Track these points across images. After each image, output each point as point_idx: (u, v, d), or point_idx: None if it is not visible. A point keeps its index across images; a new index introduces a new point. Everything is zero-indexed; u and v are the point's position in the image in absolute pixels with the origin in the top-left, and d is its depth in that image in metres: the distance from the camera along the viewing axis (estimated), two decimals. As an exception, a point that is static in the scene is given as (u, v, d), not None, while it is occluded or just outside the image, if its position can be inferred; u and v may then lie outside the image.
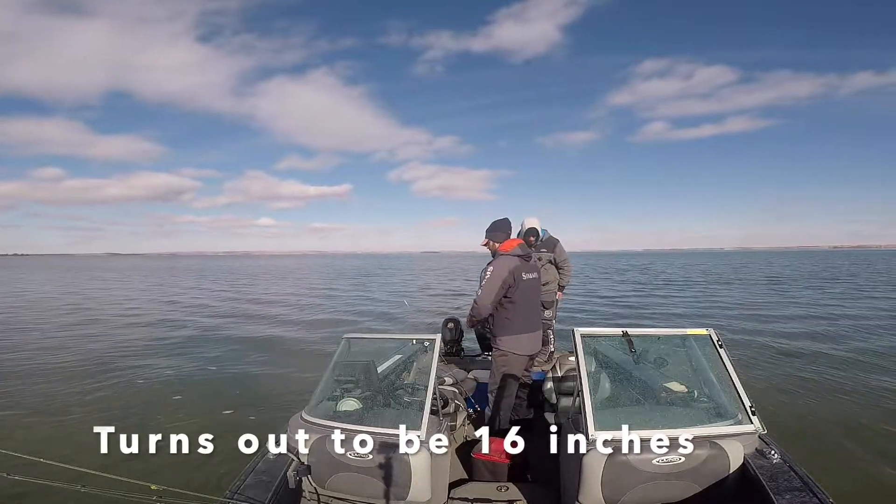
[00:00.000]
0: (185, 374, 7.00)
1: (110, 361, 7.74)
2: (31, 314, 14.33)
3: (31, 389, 6.09)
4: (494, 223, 3.39)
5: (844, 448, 4.17)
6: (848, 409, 5.18)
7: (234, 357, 8.22)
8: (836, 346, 8.52)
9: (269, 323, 12.47)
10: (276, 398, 5.70)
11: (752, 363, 7.18)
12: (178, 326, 11.76)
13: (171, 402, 5.66)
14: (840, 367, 7.05)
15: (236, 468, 2.13)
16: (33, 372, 7.05)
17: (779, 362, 7.41)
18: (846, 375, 6.55)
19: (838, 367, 6.99)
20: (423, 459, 2.03)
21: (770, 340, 9.16)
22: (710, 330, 2.37)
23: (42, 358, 8.00)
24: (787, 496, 1.72)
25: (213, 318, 13.25)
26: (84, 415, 5.15)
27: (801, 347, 8.49)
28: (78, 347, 8.94)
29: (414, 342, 2.90)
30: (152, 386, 6.38)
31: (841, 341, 9.01)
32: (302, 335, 10.46)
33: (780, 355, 7.90)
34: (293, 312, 14.61)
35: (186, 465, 3.88)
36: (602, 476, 1.90)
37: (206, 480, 3.34)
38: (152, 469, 3.75)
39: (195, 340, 9.83)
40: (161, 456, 2.86)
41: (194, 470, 3.76)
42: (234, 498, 1.82)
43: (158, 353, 8.58)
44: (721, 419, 2.17)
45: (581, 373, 2.17)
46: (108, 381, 6.57)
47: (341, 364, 2.67)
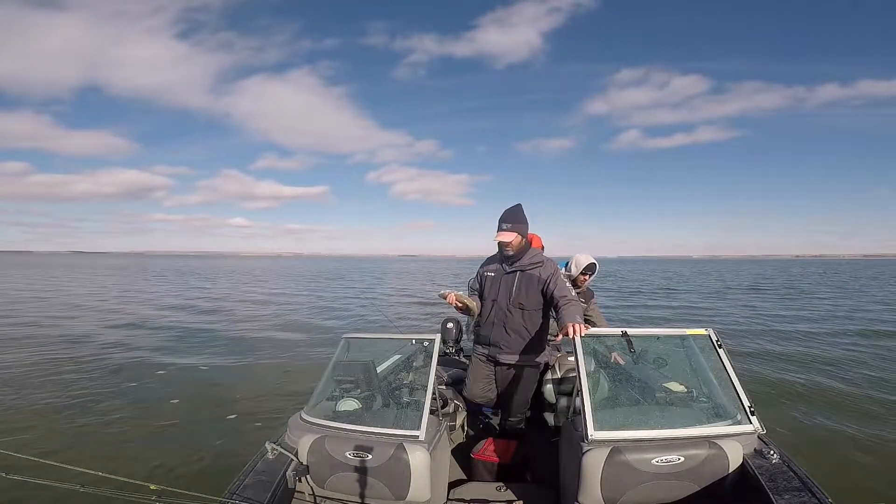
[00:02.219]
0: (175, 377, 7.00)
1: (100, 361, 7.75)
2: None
3: (25, 389, 6.09)
4: (517, 211, 2.84)
5: (844, 448, 4.18)
6: (848, 409, 5.19)
7: (227, 356, 8.23)
8: (832, 349, 8.55)
9: (253, 324, 12.48)
10: (275, 399, 5.71)
11: (752, 363, 7.21)
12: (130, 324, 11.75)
13: (169, 404, 5.65)
14: (839, 367, 7.07)
15: (236, 468, 2.13)
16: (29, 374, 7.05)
17: (779, 362, 7.43)
18: (845, 376, 6.56)
19: (838, 367, 7.01)
20: (422, 459, 2.03)
21: (768, 342, 9.19)
22: (710, 330, 2.38)
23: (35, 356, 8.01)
24: (787, 496, 1.72)
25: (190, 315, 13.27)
26: (81, 415, 5.15)
27: (799, 348, 8.52)
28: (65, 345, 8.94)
29: (413, 342, 2.91)
30: (145, 387, 6.39)
31: (839, 343, 9.04)
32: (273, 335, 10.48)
33: (778, 356, 7.92)
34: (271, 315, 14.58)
35: (185, 464, 3.90)
36: (601, 476, 1.90)
37: (205, 480, 3.35)
38: (151, 469, 3.78)
39: (182, 339, 9.83)
40: (161, 456, 2.91)
41: (193, 470, 3.77)
42: (234, 498, 1.81)
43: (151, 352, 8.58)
44: (720, 419, 2.17)
45: (580, 373, 2.17)
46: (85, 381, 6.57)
47: (341, 364, 2.67)
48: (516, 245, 2.80)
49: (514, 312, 2.85)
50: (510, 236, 2.77)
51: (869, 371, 6.81)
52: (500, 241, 2.81)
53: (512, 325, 2.86)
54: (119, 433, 4.55)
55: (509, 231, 2.78)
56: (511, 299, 2.85)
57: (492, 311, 2.91)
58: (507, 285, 2.88)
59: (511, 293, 2.86)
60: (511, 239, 2.77)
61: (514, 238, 2.78)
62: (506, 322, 2.87)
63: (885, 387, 6.00)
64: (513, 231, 2.78)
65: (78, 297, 18.80)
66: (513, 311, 2.85)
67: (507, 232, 2.78)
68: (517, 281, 2.86)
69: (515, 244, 2.79)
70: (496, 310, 2.89)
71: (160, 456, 4.04)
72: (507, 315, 2.86)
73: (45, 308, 15.17)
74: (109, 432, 4.57)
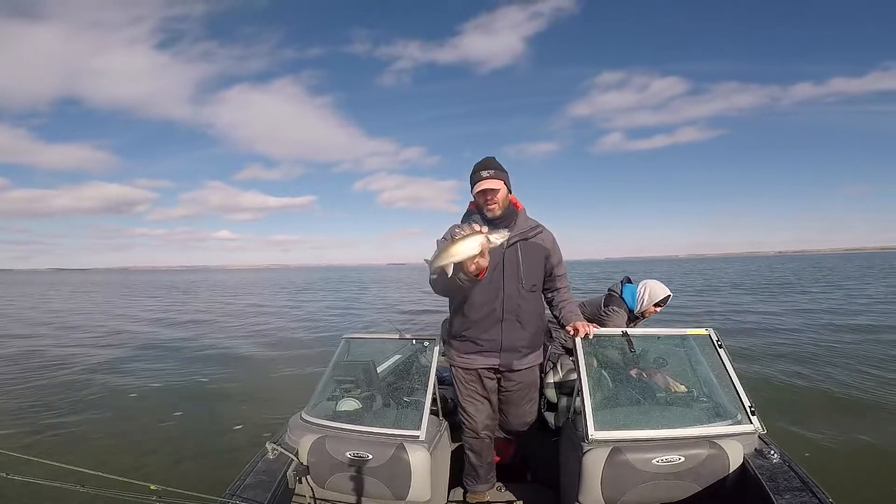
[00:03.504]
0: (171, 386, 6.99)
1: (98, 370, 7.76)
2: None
3: (25, 390, 6.09)
4: (494, 160, 2.15)
5: (844, 448, 4.18)
6: (848, 410, 5.18)
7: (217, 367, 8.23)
8: (832, 348, 8.54)
9: (248, 338, 12.47)
10: (275, 400, 5.71)
11: (751, 362, 7.20)
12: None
13: (170, 405, 5.66)
14: (838, 366, 7.06)
15: (236, 468, 2.13)
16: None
17: (777, 363, 7.42)
18: (845, 375, 6.55)
19: (837, 368, 7.00)
20: (422, 459, 2.03)
21: (770, 341, 9.18)
22: (710, 330, 2.38)
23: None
24: (787, 496, 1.72)
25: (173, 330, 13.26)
26: (81, 415, 5.15)
27: (799, 349, 8.51)
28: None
29: (414, 342, 2.90)
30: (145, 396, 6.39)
31: (838, 343, 9.03)
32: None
33: (777, 356, 7.91)
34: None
35: (186, 464, 3.90)
36: (602, 476, 1.90)
37: (205, 480, 3.35)
38: (152, 469, 3.77)
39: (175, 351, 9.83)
40: (161, 456, 2.90)
41: (194, 470, 3.77)
42: (234, 498, 1.81)
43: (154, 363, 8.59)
44: (720, 419, 2.17)
45: (581, 373, 2.17)
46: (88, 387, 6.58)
47: (341, 364, 2.67)
48: (503, 200, 2.11)
49: (527, 298, 2.18)
50: (496, 184, 2.06)
51: (870, 370, 6.80)
52: (484, 190, 2.06)
53: (525, 317, 2.20)
54: (119, 433, 4.55)
55: (494, 178, 2.07)
56: (524, 282, 2.15)
57: (495, 300, 2.14)
58: (513, 261, 2.14)
59: (520, 273, 2.15)
60: (498, 187, 2.07)
61: (501, 187, 2.08)
62: (518, 313, 2.17)
63: (885, 387, 5.99)
64: (497, 179, 2.08)
65: (77, 312, 18.70)
66: (526, 298, 2.18)
67: (491, 179, 2.06)
68: (521, 254, 2.15)
69: (502, 198, 2.10)
70: (502, 296, 2.14)
71: (161, 456, 4.04)
72: (519, 304, 2.17)
73: (46, 320, 15.18)
74: (110, 432, 4.58)
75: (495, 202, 2.09)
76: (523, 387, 2.35)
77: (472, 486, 2.51)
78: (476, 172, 2.11)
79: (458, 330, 2.26)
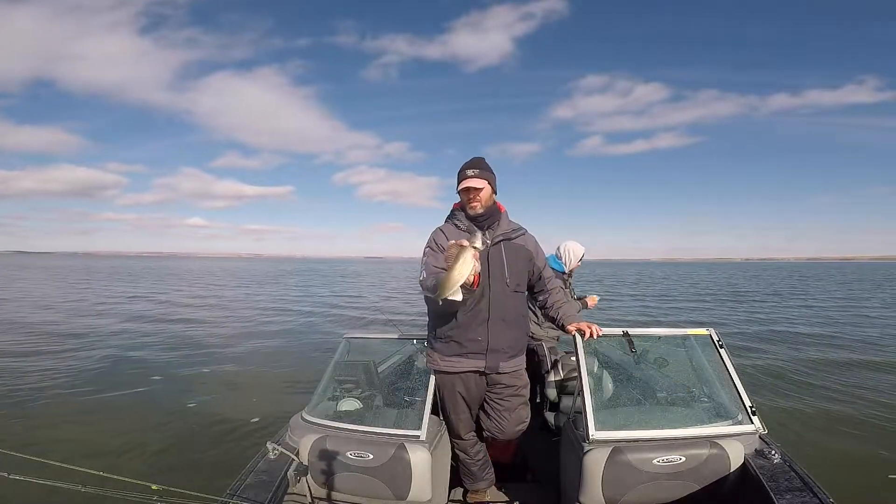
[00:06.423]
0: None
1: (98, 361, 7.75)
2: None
3: (35, 392, 6.09)
4: (482, 161, 2.22)
5: (845, 448, 4.17)
6: (847, 409, 5.19)
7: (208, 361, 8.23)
8: (832, 348, 8.55)
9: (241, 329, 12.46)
10: (275, 400, 5.71)
11: (751, 362, 7.21)
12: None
13: (171, 405, 5.66)
14: (839, 367, 7.06)
15: (237, 468, 2.13)
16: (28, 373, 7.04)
17: (776, 363, 7.42)
18: (845, 376, 6.56)
19: (837, 367, 7.00)
20: (423, 459, 2.03)
21: (773, 342, 9.18)
22: (711, 330, 2.38)
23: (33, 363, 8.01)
24: (788, 496, 1.72)
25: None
26: (81, 415, 5.15)
27: (801, 349, 8.51)
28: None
29: (414, 342, 2.90)
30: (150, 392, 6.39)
31: (838, 342, 9.04)
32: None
33: (778, 355, 7.92)
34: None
35: (187, 464, 3.90)
36: (602, 476, 1.90)
37: (206, 480, 3.34)
38: (153, 469, 3.77)
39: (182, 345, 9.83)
40: (162, 456, 2.90)
41: (195, 469, 3.76)
42: (235, 498, 1.81)
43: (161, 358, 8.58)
44: (721, 419, 2.18)
45: (581, 373, 2.17)
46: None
47: (341, 364, 2.67)
48: (486, 199, 2.17)
49: (512, 299, 2.23)
50: (480, 183, 2.13)
51: (870, 370, 6.81)
52: (468, 188, 2.13)
53: (510, 317, 2.22)
54: (120, 433, 4.55)
55: (478, 177, 2.14)
56: (508, 281, 2.19)
57: (481, 299, 2.16)
58: (497, 261, 2.18)
59: (505, 272, 2.19)
60: (482, 186, 2.13)
61: (484, 186, 2.14)
62: (504, 314, 2.19)
63: (885, 385, 6.00)
64: (482, 178, 2.15)
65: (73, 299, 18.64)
66: (511, 298, 2.22)
67: (476, 178, 2.13)
68: (506, 255, 2.21)
69: (486, 197, 2.16)
70: (489, 295, 2.16)
71: (161, 456, 4.04)
72: (505, 303, 2.20)
73: (46, 310, 15.16)
74: (110, 432, 4.58)
75: (478, 200, 2.16)
76: (512, 390, 2.32)
77: (470, 484, 2.52)
78: (462, 171, 2.19)
79: (443, 332, 2.24)
